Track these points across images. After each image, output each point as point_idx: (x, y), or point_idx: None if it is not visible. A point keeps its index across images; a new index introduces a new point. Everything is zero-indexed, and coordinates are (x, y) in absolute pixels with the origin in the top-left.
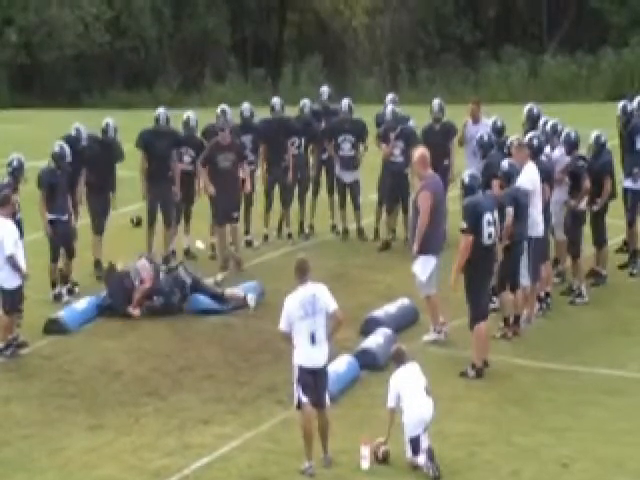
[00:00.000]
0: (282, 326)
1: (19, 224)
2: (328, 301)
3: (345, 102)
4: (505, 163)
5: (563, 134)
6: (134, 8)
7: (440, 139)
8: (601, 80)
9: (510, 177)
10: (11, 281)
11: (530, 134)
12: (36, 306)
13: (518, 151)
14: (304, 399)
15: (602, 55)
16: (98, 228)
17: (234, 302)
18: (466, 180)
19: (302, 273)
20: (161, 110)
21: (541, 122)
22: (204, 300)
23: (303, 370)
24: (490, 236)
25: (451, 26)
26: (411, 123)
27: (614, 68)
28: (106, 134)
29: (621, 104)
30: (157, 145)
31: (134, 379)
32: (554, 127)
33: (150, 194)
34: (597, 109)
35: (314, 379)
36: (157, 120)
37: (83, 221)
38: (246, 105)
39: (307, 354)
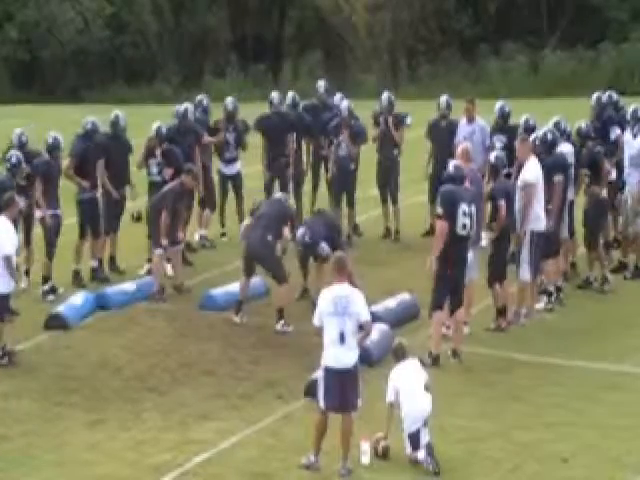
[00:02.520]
0: (315, 321)
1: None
2: (362, 309)
3: (345, 105)
4: (492, 156)
5: (575, 126)
6: (134, 4)
7: (446, 136)
8: (601, 75)
9: (498, 169)
10: (3, 286)
11: (544, 129)
12: (36, 301)
13: (522, 145)
14: (322, 404)
15: (602, 50)
16: (112, 227)
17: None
18: (451, 170)
19: (340, 271)
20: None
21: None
22: (221, 298)
23: (330, 372)
24: (464, 227)
25: (451, 21)
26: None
27: (614, 63)
28: (117, 126)
29: (595, 95)
30: (181, 141)
31: (134, 375)
32: (557, 124)
33: None
34: None
35: (341, 382)
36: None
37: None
38: (230, 99)
39: (335, 354)
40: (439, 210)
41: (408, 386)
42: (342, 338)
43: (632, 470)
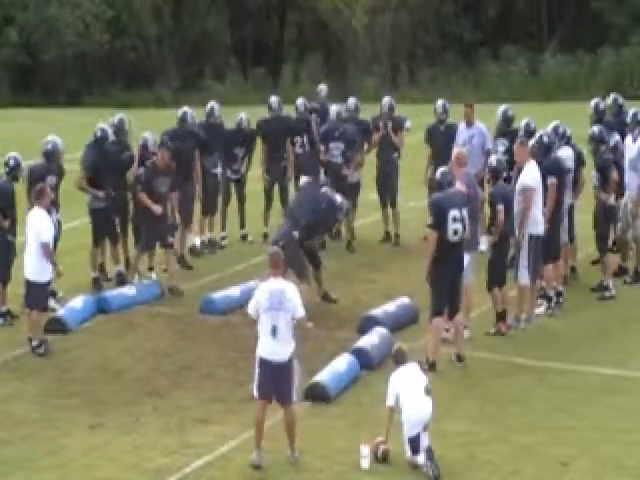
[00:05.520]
0: (251, 312)
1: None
2: (297, 305)
3: (333, 109)
4: (493, 159)
5: (589, 132)
6: (134, 7)
7: (444, 140)
8: (601, 79)
9: (498, 173)
10: (40, 275)
11: (540, 132)
12: None
13: (520, 149)
14: (256, 393)
15: (602, 54)
16: (123, 233)
17: None
18: (437, 176)
19: (275, 266)
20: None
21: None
22: (221, 302)
23: (263, 362)
24: (456, 233)
25: (451, 25)
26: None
27: (614, 67)
28: (122, 131)
29: (593, 102)
30: (181, 145)
31: (134, 378)
32: (556, 129)
33: None
34: None
35: (274, 374)
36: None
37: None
38: (242, 114)
39: (268, 347)
40: (429, 219)
41: (408, 390)
42: (274, 332)
43: (632, 475)
